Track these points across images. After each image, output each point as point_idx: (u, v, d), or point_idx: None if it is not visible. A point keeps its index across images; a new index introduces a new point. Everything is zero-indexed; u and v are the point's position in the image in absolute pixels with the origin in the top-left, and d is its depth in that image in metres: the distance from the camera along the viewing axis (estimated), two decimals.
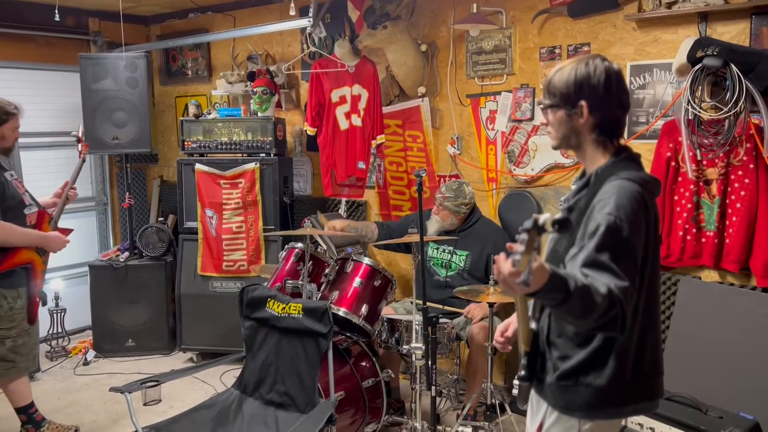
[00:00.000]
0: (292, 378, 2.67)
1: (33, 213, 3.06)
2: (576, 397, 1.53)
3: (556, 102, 1.57)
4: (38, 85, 4.56)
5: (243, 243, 4.15)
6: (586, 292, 1.32)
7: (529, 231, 1.20)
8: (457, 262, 3.32)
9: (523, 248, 1.20)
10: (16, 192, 2.98)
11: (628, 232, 1.41)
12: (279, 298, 2.77)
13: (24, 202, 3.02)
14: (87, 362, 4.21)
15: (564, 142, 1.60)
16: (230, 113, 4.28)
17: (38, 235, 3.04)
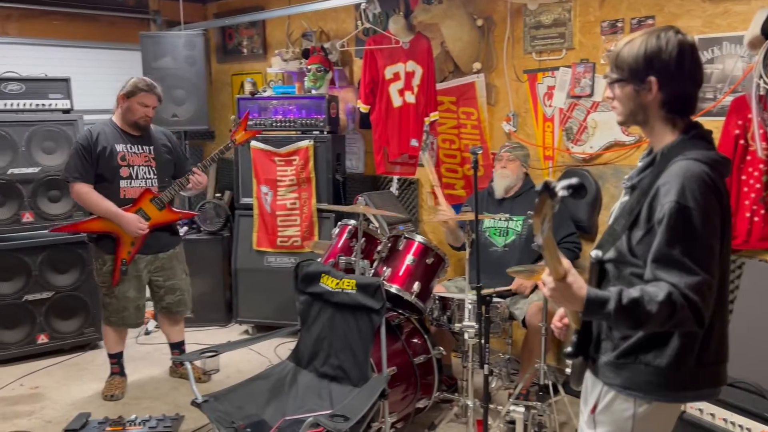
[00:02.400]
0: (345, 352, 2.71)
1: (132, 188, 3.23)
2: (634, 375, 1.49)
3: (624, 76, 1.51)
4: (102, 63, 4.71)
5: (297, 219, 4.21)
6: (633, 306, 1.32)
7: (540, 194, 1.18)
8: (514, 227, 3.29)
9: (534, 212, 1.21)
10: (113, 163, 3.17)
11: (698, 219, 1.35)
12: (333, 274, 2.80)
13: (121, 174, 3.19)
14: (148, 332, 4.39)
15: (630, 118, 1.55)
16: (285, 91, 4.33)
17: (111, 210, 3.19)
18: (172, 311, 3.55)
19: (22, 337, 3.88)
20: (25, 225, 3.87)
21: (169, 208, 3.33)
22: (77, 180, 3.21)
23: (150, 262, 3.38)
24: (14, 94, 3.85)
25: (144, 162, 3.30)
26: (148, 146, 3.33)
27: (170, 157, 3.42)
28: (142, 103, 3.24)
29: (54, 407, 3.34)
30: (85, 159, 3.20)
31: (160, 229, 3.36)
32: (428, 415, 3.09)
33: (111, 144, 3.23)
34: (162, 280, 3.44)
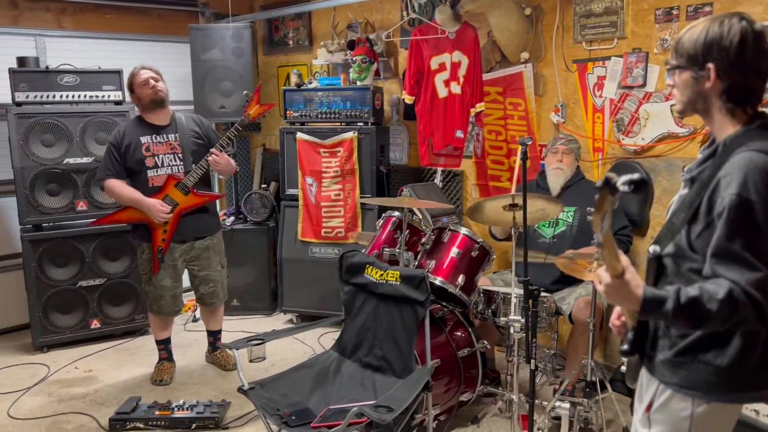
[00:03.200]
0: (389, 343, 2.71)
1: (159, 176, 3.31)
2: (692, 374, 1.44)
3: (682, 63, 1.46)
4: (151, 56, 4.78)
5: (341, 210, 4.23)
6: (692, 306, 1.28)
7: (601, 190, 1.14)
8: (564, 218, 3.23)
9: (594, 208, 1.17)
10: (139, 155, 3.27)
11: (761, 212, 1.29)
12: (377, 265, 2.80)
13: (147, 164, 3.27)
14: (195, 319, 4.48)
15: (689, 106, 1.49)
16: (330, 82, 4.34)
17: (135, 198, 3.28)
18: (205, 302, 3.62)
19: (77, 321, 4.02)
20: (79, 213, 4.00)
21: (193, 192, 3.37)
22: (108, 177, 3.31)
23: (186, 252, 3.45)
24: (69, 86, 3.97)
25: (169, 150, 3.36)
26: (173, 134, 3.38)
27: (201, 143, 3.45)
28: (141, 83, 3.31)
29: (106, 390, 3.45)
30: (114, 156, 3.31)
31: (192, 216, 3.40)
32: (471, 409, 3.07)
33: (136, 137, 3.32)
34: (197, 269, 3.51)
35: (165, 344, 3.61)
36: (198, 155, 3.39)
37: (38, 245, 3.87)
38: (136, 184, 3.33)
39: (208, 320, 3.74)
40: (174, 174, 3.33)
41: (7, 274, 4.27)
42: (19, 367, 3.76)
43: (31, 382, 3.53)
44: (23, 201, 3.84)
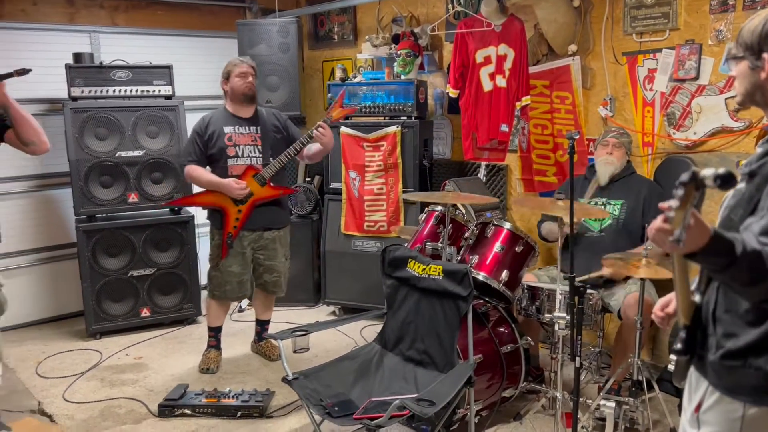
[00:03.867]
0: (431, 337, 2.71)
1: (238, 165, 3.43)
2: (743, 379, 1.39)
3: (741, 53, 1.41)
4: (200, 51, 4.90)
5: (383, 204, 4.24)
6: (756, 259, 1.21)
7: (686, 185, 1.10)
8: (611, 211, 3.17)
9: (678, 203, 1.11)
10: (221, 143, 3.40)
11: None
12: (419, 259, 2.80)
13: (228, 153, 3.42)
14: (241, 310, 4.58)
15: (747, 98, 1.45)
16: (374, 76, 4.35)
17: (213, 181, 3.40)
18: (267, 290, 3.69)
19: (128, 310, 4.16)
20: (130, 205, 4.13)
21: (269, 184, 3.45)
22: (191, 162, 3.44)
23: (254, 240, 3.53)
24: (122, 81, 4.09)
25: (250, 141, 3.46)
26: (255, 126, 3.49)
27: (279, 136, 3.55)
28: (239, 74, 3.43)
29: (155, 377, 3.55)
30: (197, 143, 3.45)
31: (265, 208, 3.49)
32: (514, 405, 3.05)
33: (220, 127, 3.44)
34: (263, 258, 3.58)
35: (216, 332, 3.70)
36: (276, 148, 3.48)
37: (92, 235, 4.01)
38: (215, 172, 3.45)
39: (261, 308, 3.81)
40: (253, 165, 3.42)
41: (64, 263, 4.45)
42: (74, 353, 3.91)
43: (84, 367, 3.67)
44: (78, 192, 3.98)
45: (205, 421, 3.03)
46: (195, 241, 4.30)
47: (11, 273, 4.22)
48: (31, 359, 3.81)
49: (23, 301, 4.31)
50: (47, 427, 3.00)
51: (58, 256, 4.45)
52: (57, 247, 4.45)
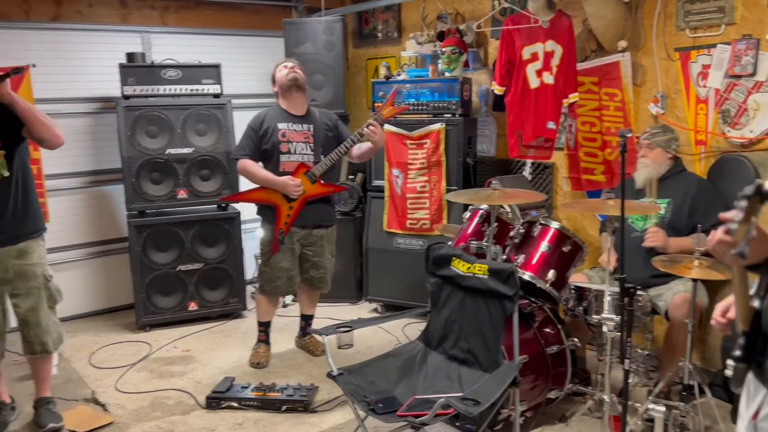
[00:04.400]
0: (475, 336, 2.69)
1: (290, 162, 3.48)
2: None
3: None
4: (247, 50, 4.98)
5: (426, 202, 4.23)
6: None
7: (750, 198, 1.06)
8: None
9: (742, 215, 1.07)
10: (275, 140, 3.46)
11: None
12: (464, 258, 2.79)
13: (281, 149, 3.48)
14: (285, 305, 4.64)
15: None
16: (418, 74, 4.34)
17: (268, 178, 3.46)
18: (313, 285, 3.74)
19: (176, 303, 4.26)
20: (179, 201, 4.23)
21: (320, 181, 3.49)
22: (244, 156, 3.50)
23: (304, 237, 3.58)
24: (172, 80, 4.19)
25: (303, 139, 3.51)
26: (308, 124, 3.54)
27: (330, 135, 3.59)
28: (281, 68, 3.51)
29: (203, 369, 3.63)
30: (252, 139, 3.51)
31: (315, 205, 3.54)
32: (560, 407, 3.01)
33: (274, 123, 3.50)
34: (310, 254, 3.63)
35: (266, 327, 3.76)
36: (327, 147, 3.53)
37: (143, 230, 4.13)
38: (268, 168, 3.51)
39: (306, 303, 3.86)
40: (304, 162, 3.47)
41: (115, 257, 4.59)
42: (125, 344, 4.03)
43: (135, 359, 3.78)
44: (130, 188, 4.10)
45: (251, 414, 3.08)
46: (241, 237, 4.38)
47: (65, 266, 4.38)
48: (84, 350, 3.94)
49: (77, 293, 4.46)
50: (100, 416, 3.10)
51: (110, 250, 4.60)
52: (109, 242, 4.59)
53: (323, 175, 3.50)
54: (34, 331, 2.84)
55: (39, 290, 2.82)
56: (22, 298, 2.79)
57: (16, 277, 2.77)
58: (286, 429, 2.95)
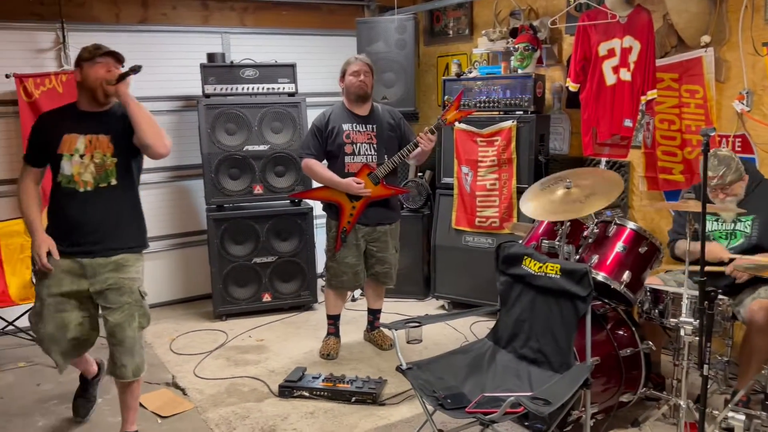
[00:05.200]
0: (546, 336, 2.68)
1: (354, 163, 3.56)
2: None
3: None
4: (321, 49, 5.09)
5: (496, 200, 4.22)
6: None
7: None
8: (741, 229, 2.96)
9: None
10: (339, 140, 3.53)
11: None
12: (535, 257, 2.77)
13: (345, 150, 3.54)
14: (354, 299, 4.73)
15: None
16: (490, 71, 4.32)
17: (333, 179, 3.54)
18: (378, 280, 3.80)
19: (251, 294, 4.43)
20: (256, 196, 4.38)
21: (383, 183, 3.55)
22: (309, 155, 3.59)
23: (368, 233, 3.65)
24: (250, 79, 4.34)
25: (366, 139, 3.57)
26: (372, 125, 3.59)
27: (393, 134, 3.64)
28: (352, 72, 3.55)
29: (276, 359, 3.76)
30: (317, 138, 3.59)
31: (378, 205, 3.60)
32: (632, 411, 2.95)
33: (339, 123, 3.56)
34: (375, 250, 3.70)
35: (335, 320, 3.86)
36: (390, 147, 3.59)
37: (221, 224, 4.30)
38: (332, 168, 3.59)
39: (373, 299, 3.94)
40: (368, 163, 3.54)
41: (195, 249, 4.81)
42: (203, 332, 4.22)
43: (212, 346, 3.95)
44: (209, 183, 4.29)
45: (321, 404, 3.17)
46: (313, 232, 4.50)
47: (149, 256, 4.52)
48: (165, 336, 4.16)
49: (159, 282, 4.71)
50: (181, 402, 3.26)
51: (189, 242, 4.82)
52: (189, 234, 4.82)
53: (386, 176, 3.55)
54: (117, 349, 2.64)
55: (131, 306, 2.64)
56: (112, 312, 2.61)
57: (110, 289, 2.61)
58: (356, 420, 3.02)
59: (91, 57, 2.56)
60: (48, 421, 3.09)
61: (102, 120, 2.62)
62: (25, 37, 4.10)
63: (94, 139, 2.59)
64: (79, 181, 2.57)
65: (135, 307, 2.65)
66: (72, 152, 2.57)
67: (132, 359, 2.67)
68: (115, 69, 2.58)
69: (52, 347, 2.65)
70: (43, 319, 2.61)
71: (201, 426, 3.01)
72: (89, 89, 2.58)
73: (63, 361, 2.70)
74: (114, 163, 2.61)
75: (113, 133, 2.61)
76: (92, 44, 2.61)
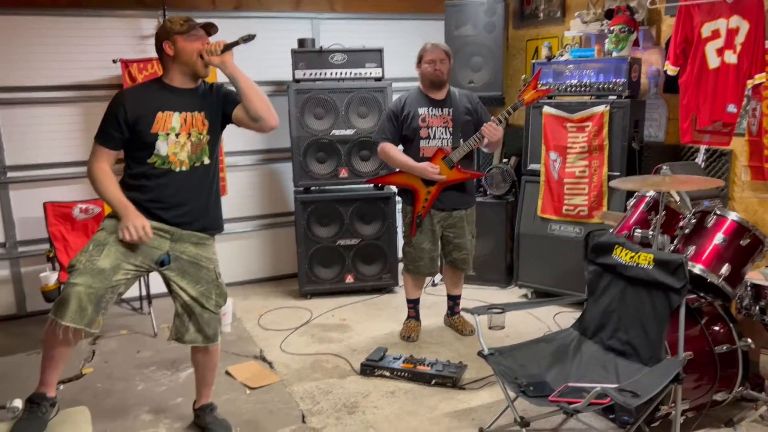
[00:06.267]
0: (635, 328, 2.59)
1: (429, 147, 3.56)
2: None
3: None
4: (408, 34, 5.08)
5: (585, 188, 4.09)
6: None
7: None
8: None
9: None
10: (415, 124, 3.54)
11: None
12: (627, 246, 2.68)
13: (421, 134, 3.55)
14: (435, 284, 4.74)
15: None
16: (583, 54, 4.18)
17: (407, 163, 3.54)
18: (456, 267, 3.79)
19: (334, 275, 4.53)
20: (341, 179, 4.47)
21: (458, 167, 3.52)
22: (384, 140, 3.62)
23: (444, 219, 3.65)
24: (338, 64, 4.41)
25: (442, 123, 3.56)
26: (448, 108, 3.57)
27: (469, 118, 3.60)
28: (428, 60, 3.52)
29: (357, 338, 3.84)
30: (393, 122, 3.61)
31: (453, 189, 3.59)
32: (726, 411, 2.81)
33: (414, 108, 3.57)
34: (452, 236, 3.69)
35: (414, 304, 3.89)
36: (466, 131, 3.56)
37: (307, 206, 4.42)
38: (407, 152, 3.61)
39: (452, 285, 3.93)
40: (443, 147, 3.54)
41: (283, 229, 4.97)
42: (289, 309, 4.37)
43: (297, 323, 4.08)
44: (297, 166, 4.41)
45: (402, 384, 3.22)
46: (395, 216, 4.53)
47: (240, 236, 4.84)
48: (254, 312, 4.34)
49: (249, 260, 4.92)
50: (269, 374, 3.40)
51: (277, 223, 4.99)
52: (277, 215, 4.98)
53: (461, 160, 3.52)
54: (195, 320, 2.58)
55: (208, 284, 2.58)
56: (192, 284, 2.55)
57: (189, 263, 2.55)
58: (435, 402, 3.05)
59: (187, 30, 2.43)
60: (147, 385, 3.30)
61: (195, 96, 2.51)
62: (129, 23, 4.34)
63: (189, 116, 2.48)
64: (175, 161, 2.46)
65: (212, 285, 2.60)
66: (168, 131, 2.44)
67: (209, 327, 2.61)
68: (207, 41, 2.47)
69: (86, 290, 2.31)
70: (101, 252, 2.38)
71: (286, 399, 3.13)
72: (185, 63, 2.45)
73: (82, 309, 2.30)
74: (207, 141, 2.53)
75: (207, 109, 2.52)
76: (179, 17, 2.46)
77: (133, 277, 2.49)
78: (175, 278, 2.54)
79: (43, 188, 4.23)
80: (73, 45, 4.21)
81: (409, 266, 3.76)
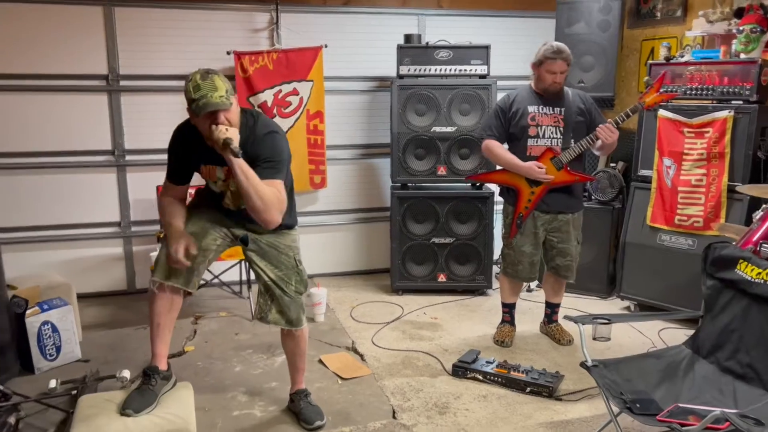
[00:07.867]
0: (759, 350, 2.38)
1: (537, 146, 3.44)
2: None
3: None
4: (516, 31, 4.97)
5: (701, 198, 3.83)
6: None
7: None
8: None
9: None
10: (523, 123, 3.43)
11: None
12: (754, 261, 2.47)
13: (529, 133, 3.43)
14: (530, 290, 4.60)
15: None
16: (706, 55, 3.91)
17: (512, 162, 3.43)
18: (559, 274, 3.64)
19: (427, 273, 4.50)
20: (439, 177, 4.43)
21: (566, 169, 3.38)
22: (490, 137, 3.53)
23: (548, 222, 3.51)
24: (443, 60, 4.37)
25: (552, 122, 3.42)
26: (560, 107, 3.43)
27: (582, 119, 3.45)
28: (549, 70, 3.35)
29: (449, 338, 3.79)
30: (500, 119, 3.51)
31: (559, 191, 3.45)
32: None
33: (524, 106, 3.45)
34: (555, 241, 3.54)
35: (510, 308, 3.78)
36: (578, 132, 3.42)
37: (404, 202, 4.41)
38: (513, 150, 3.49)
39: (552, 293, 3.79)
40: (552, 147, 3.41)
41: (378, 224, 4.99)
42: (380, 304, 4.38)
43: (389, 318, 4.08)
44: (396, 162, 4.40)
45: (495, 389, 3.13)
46: (492, 217, 4.44)
47: (337, 227, 4.92)
48: (346, 303, 4.38)
49: (344, 253, 4.98)
50: (361, 366, 3.41)
51: (373, 218, 5.01)
52: (373, 210, 5.01)
53: (571, 162, 3.37)
54: (276, 302, 2.66)
55: (288, 269, 2.65)
56: (271, 266, 2.63)
57: (267, 246, 2.63)
58: (530, 411, 2.94)
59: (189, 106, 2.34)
60: (243, 367, 3.40)
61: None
62: (243, 17, 4.50)
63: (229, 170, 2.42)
64: (228, 191, 2.59)
65: (292, 271, 2.66)
66: (215, 179, 2.57)
67: (290, 311, 2.67)
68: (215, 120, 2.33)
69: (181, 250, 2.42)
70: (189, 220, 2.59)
71: (377, 392, 3.12)
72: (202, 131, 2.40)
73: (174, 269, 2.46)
74: None
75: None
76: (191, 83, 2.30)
77: (222, 244, 2.65)
78: (255, 259, 2.66)
79: (157, 172, 4.45)
80: (189, 36, 4.41)
81: (507, 269, 3.65)
